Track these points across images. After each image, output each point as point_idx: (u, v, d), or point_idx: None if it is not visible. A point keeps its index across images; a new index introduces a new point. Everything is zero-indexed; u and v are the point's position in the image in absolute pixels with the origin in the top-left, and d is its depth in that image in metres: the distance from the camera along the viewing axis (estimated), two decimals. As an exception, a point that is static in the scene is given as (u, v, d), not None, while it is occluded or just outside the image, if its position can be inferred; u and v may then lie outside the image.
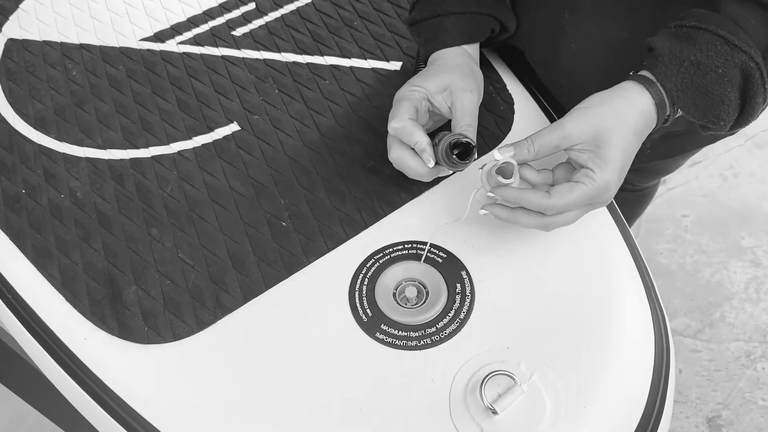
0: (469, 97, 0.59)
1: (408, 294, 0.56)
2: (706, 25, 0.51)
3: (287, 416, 0.51)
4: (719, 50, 0.51)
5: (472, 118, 0.59)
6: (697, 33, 0.51)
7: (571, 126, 0.52)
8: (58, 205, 0.65)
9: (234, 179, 0.66)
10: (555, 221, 0.53)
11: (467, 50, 0.65)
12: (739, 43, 0.50)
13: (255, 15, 0.83)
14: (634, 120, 0.52)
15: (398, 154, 0.59)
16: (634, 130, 0.53)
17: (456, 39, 0.65)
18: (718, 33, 0.51)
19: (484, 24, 0.65)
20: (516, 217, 0.54)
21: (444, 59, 0.64)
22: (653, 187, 1.08)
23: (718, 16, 0.52)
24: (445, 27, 0.64)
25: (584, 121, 0.52)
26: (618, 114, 0.52)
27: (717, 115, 0.53)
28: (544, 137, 0.52)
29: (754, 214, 1.48)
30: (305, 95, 0.73)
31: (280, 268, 0.59)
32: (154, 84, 0.76)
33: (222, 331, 0.56)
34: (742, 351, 1.28)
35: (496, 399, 0.49)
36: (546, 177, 0.55)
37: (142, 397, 0.53)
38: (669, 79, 0.52)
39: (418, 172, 0.59)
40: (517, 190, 0.52)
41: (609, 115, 0.52)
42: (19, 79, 0.78)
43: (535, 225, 0.54)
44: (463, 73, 0.61)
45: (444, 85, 0.60)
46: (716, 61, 0.51)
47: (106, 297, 0.58)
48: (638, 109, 0.53)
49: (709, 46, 0.51)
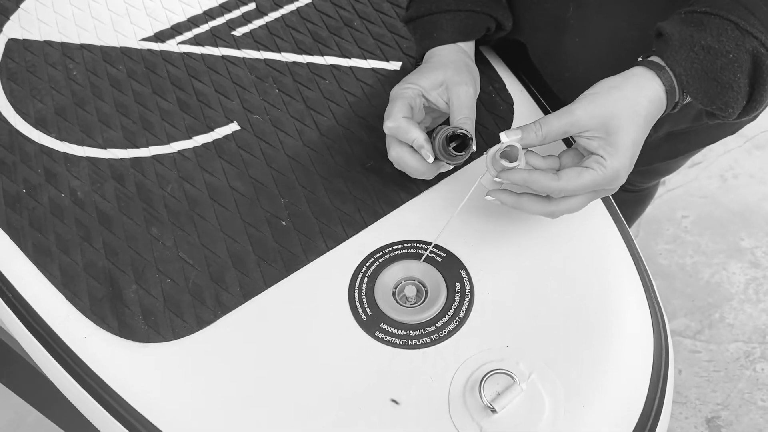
0: (465, 90, 0.59)
1: (407, 293, 0.56)
2: (716, 10, 0.50)
3: (287, 414, 0.51)
4: (730, 35, 0.50)
5: (469, 110, 0.59)
6: (708, 18, 0.51)
7: (580, 112, 0.51)
8: (59, 204, 0.65)
9: (234, 179, 0.66)
10: (561, 207, 0.53)
11: (462, 47, 0.65)
12: (750, 28, 0.49)
13: (255, 15, 0.83)
14: (645, 107, 0.51)
15: (397, 153, 0.59)
16: (645, 117, 0.52)
17: (451, 36, 0.65)
18: (729, 18, 0.50)
19: (479, 22, 0.65)
20: (522, 202, 0.53)
21: (439, 56, 0.64)
22: (653, 188, 1.08)
23: (729, 1, 0.51)
24: (440, 24, 0.64)
25: (594, 107, 0.51)
26: (629, 101, 0.51)
27: (725, 102, 0.52)
28: (552, 122, 0.51)
29: (754, 215, 1.48)
30: (305, 95, 0.73)
31: (280, 267, 0.59)
32: (155, 84, 0.76)
33: (222, 330, 0.56)
34: (742, 352, 1.28)
35: (495, 398, 0.49)
36: (552, 162, 0.54)
37: (143, 395, 0.53)
38: (679, 64, 0.51)
39: (418, 169, 0.59)
40: (525, 172, 0.51)
41: (620, 102, 0.51)
42: (20, 79, 0.78)
43: (541, 211, 0.53)
44: (458, 68, 0.61)
45: (439, 81, 0.60)
46: (727, 46, 0.50)
47: (106, 296, 0.58)
48: (649, 95, 0.52)
49: (720, 30, 0.50)
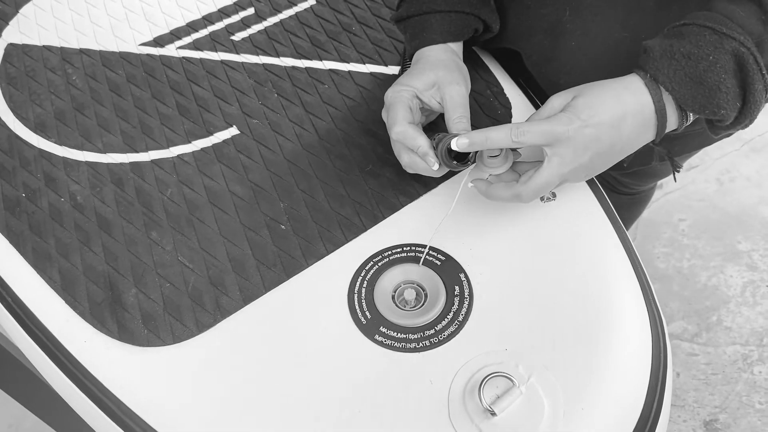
0: (457, 89, 0.60)
1: (407, 296, 0.57)
2: (693, 20, 0.52)
3: (286, 418, 0.51)
4: (708, 39, 0.51)
5: (463, 109, 0.60)
6: (686, 28, 0.53)
7: (557, 101, 0.55)
8: (59, 208, 0.65)
9: (233, 183, 0.66)
10: (528, 189, 0.55)
11: (452, 47, 0.67)
12: (727, 30, 0.51)
13: (254, 20, 0.84)
14: (628, 103, 0.53)
15: (410, 159, 0.60)
16: (624, 111, 0.53)
17: (441, 36, 0.66)
18: (706, 24, 0.51)
19: (468, 23, 0.67)
20: (491, 191, 0.57)
21: (428, 57, 0.65)
22: (650, 191, 1.08)
23: (707, 12, 0.53)
24: (430, 24, 0.66)
25: (570, 93, 0.54)
26: (611, 88, 0.53)
27: (717, 104, 0.52)
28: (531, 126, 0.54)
29: (751, 218, 1.48)
30: (304, 99, 0.74)
31: (280, 271, 0.59)
32: (154, 88, 0.76)
33: (222, 334, 0.56)
34: (739, 355, 1.28)
35: (495, 401, 0.50)
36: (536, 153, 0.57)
37: (142, 399, 0.53)
38: (661, 72, 0.53)
39: (431, 172, 0.60)
40: (486, 184, 0.57)
41: (601, 85, 0.54)
42: (20, 84, 0.78)
43: (509, 196, 0.56)
44: (449, 68, 0.62)
45: (431, 81, 0.62)
46: (706, 50, 0.51)
47: (106, 300, 0.58)
48: (636, 96, 0.53)
49: (699, 37, 0.51)
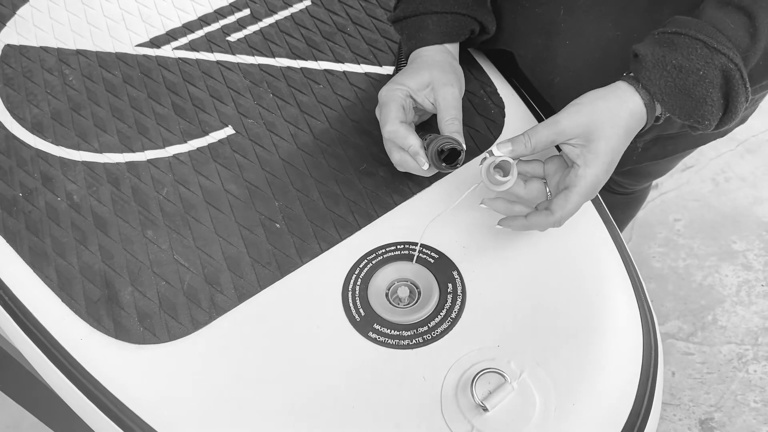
0: (451, 91, 0.61)
1: (400, 294, 0.57)
2: (686, 30, 0.53)
3: (281, 414, 0.52)
4: (699, 53, 0.52)
5: (456, 111, 0.61)
6: (678, 38, 0.53)
7: (566, 122, 0.54)
8: (55, 208, 0.66)
9: (229, 182, 0.67)
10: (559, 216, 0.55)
11: (448, 48, 0.67)
12: (718, 45, 0.52)
13: (250, 21, 0.84)
14: (625, 119, 0.54)
15: (400, 157, 0.61)
16: (625, 129, 0.54)
17: (437, 37, 0.66)
18: (698, 37, 0.52)
19: (464, 24, 0.67)
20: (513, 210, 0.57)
21: (424, 57, 0.65)
22: (645, 191, 1.08)
23: (698, 21, 0.53)
24: (426, 25, 0.66)
25: (579, 116, 0.54)
26: (611, 111, 0.54)
27: (702, 115, 0.54)
28: (540, 132, 0.54)
29: (746, 218, 1.49)
30: (299, 99, 0.74)
31: (275, 269, 0.59)
32: (150, 89, 0.77)
33: (217, 331, 0.56)
34: (734, 354, 1.29)
35: (487, 396, 0.50)
36: (536, 168, 0.58)
37: (138, 397, 0.54)
38: (653, 83, 0.54)
39: (421, 171, 0.61)
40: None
41: (602, 112, 0.54)
42: (17, 85, 0.79)
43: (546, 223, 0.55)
44: (443, 69, 0.63)
45: (425, 82, 0.62)
46: (697, 63, 0.52)
47: (102, 298, 0.59)
48: (630, 108, 0.54)
49: (690, 50, 0.53)
